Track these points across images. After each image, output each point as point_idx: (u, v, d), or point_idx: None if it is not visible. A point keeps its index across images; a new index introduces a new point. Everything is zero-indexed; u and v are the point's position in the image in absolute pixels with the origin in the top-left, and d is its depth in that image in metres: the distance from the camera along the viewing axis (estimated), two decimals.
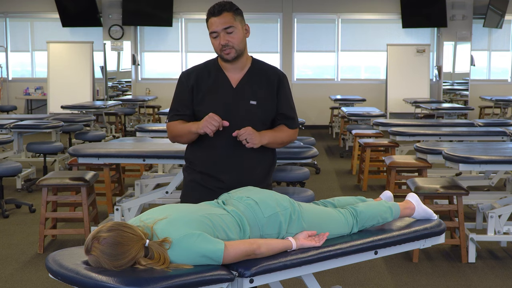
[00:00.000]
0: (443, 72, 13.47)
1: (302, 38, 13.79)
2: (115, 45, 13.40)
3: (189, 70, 2.92)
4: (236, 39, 2.77)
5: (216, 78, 2.85)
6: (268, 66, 2.96)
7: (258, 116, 2.83)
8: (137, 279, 2.06)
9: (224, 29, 2.75)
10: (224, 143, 2.79)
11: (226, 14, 2.75)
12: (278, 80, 2.90)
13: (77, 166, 5.52)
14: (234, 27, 2.76)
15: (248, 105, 2.82)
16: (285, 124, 2.92)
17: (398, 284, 4.03)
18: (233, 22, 2.76)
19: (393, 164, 5.61)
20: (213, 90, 2.82)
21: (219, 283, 2.18)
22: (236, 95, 2.82)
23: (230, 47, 2.76)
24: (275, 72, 2.92)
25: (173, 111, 2.89)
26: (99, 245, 2.15)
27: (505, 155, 4.56)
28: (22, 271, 4.26)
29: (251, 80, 2.85)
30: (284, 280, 2.58)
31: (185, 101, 2.85)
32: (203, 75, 2.86)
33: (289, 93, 2.94)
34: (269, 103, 2.86)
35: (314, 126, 13.34)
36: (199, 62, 2.99)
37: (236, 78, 2.85)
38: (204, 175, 2.83)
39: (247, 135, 2.73)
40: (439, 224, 2.81)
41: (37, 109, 13.80)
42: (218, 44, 2.78)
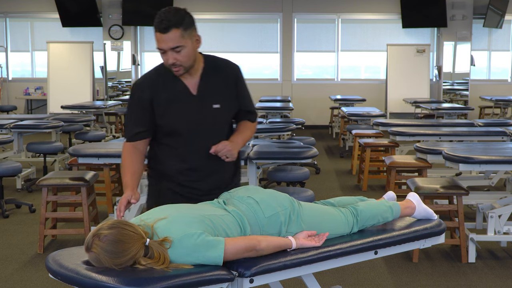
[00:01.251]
0: (443, 72, 13.47)
1: (302, 38, 13.79)
2: (115, 45, 13.39)
3: (142, 81, 2.74)
4: (185, 57, 2.60)
5: (174, 87, 2.70)
6: (222, 61, 2.82)
7: (224, 119, 2.78)
8: (137, 279, 2.07)
9: (172, 49, 2.57)
10: (194, 156, 2.72)
11: (174, 32, 2.55)
12: (235, 74, 2.81)
13: (77, 166, 5.52)
14: (182, 46, 2.57)
15: (212, 110, 2.72)
16: (248, 119, 2.91)
17: (398, 284, 4.03)
18: (181, 40, 2.56)
19: (393, 164, 5.61)
20: (173, 101, 2.69)
21: (219, 283, 2.18)
22: (198, 102, 2.71)
23: (178, 65, 2.61)
24: (230, 67, 2.82)
25: (132, 130, 2.73)
26: (99, 242, 2.15)
27: (505, 155, 4.56)
28: (22, 271, 4.26)
29: (209, 82, 2.74)
30: (284, 280, 2.58)
31: (144, 118, 2.70)
32: (158, 86, 2.70)
33: (246, 85, 2.87)
34: (232, 103, 2.80)
35: (314, 126, 13.34)
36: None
37: (193, 84, 2.72)
38: (181, 186, 2.76)
39: (226, 152, 2.69)
40: (439, 224, 2.81)
41: (37, 109, 13.79)
42: (166, 60, 2.62)
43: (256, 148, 4.93)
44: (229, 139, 2.78)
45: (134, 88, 2.76)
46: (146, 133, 2.73)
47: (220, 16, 13.68)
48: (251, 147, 5.09)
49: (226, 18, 13.66)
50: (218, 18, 13.72)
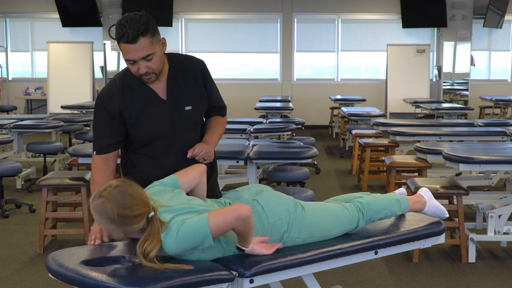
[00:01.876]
0: (443, 72, 13.47)
1: (302, 38, 13.79)
2: (115, 45, 13.39)
3: (108, 91, 2.63)
4: (156, 64, 2.53)
5: (142, 95, 2.61)
6: (186, 59, 2.74)
7: (197, 119, 2.76)
8: (137, 279, 2.07)
9: (143, 58, 2.48)
10: (172, 161, 2.67)
11: (142, 40, 2.45)
12: (201, 71, 2.74)
13: (77, 166, 5.52)
14: (153, 53, 2.49)
15: (185, 113, 2.67)
16: (218, 114, 2.88)
17: (398, 284, 4.03)
18: (151, 48, 2.48)
19: (393, 164, 5.61)
20: (144, 109, 2.61)
21: (219, 283, 2.18)
22: (170, 107, 2.65)
23: (151, 73, 2.54)
24: (195, 63, 2.74)
25: (103, 142, 2.63)
26: (111, 190, 2.16)
27: (505, 155, 4.56)
28: (22, 271, 4.26)
29: (177, 84, 2.66)
30: (284, 280, 2.58)
31: (115, 129, 2.61)
32: (126, 95, 2.60)
33: (213, 80, 2.80)
34: (203, 101, 2.75)
35: (314, 126, 13.34)
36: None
37: (161, 88, 2.64)
38: None
39: (204, 154, 2.67)
40: (439, 224, 2.81)
41: (37, 109, 13.79)
42: (137, 71, 2.52)
43: (256, 148, 4.93)
44: (203, 140, 2.75)
45: (101, 99, 2.64)
46: (117, 144, 2.66)
47: (220, 16, 13.68)
48: (251, 147, 5.09)
49: (226, 18, 13.66)
50: (218, 18, 13.72)
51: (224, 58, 13.70)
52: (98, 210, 2.16)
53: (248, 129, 6.40)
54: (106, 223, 2.17)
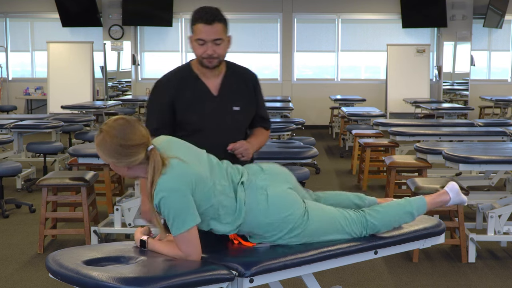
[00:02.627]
0: (443, 72, 13.47)
1: (302, 38, 13.79)
2: (115, 45, 13.39)
3: (167, 79, 2.85)
4: (223, 50, 2.76)
5: (196, 87, 2.80)
6: (242, 68, 2.96)
7: (242, 121, 2.88)
8: (137, 278, 2.07)
9: (213, 40, 2.71)
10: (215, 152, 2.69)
11: (218, 25, 2.71)
12: (253, 81, 2.93)
13: (77, 166, 5.52)
14: (222, 40, 2.74)
15: (232, 112, 2.83)
16: (262, 127, 3.00)
17: (398, 284, 4.03)
18: (223, 34, 2.74)
19: (393, 164, 5.61)
20: (195, 101, 2.79)
21: (219, 282, 2.18)
22: (219, 103, 2.81)
23: (215, 57, 2.74)
24: (250, 74, 2.94)
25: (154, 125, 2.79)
26: (111, 122, 2.27)
27: (505, 155, 4.57)
28: (22, 271, 4.26)
29: (230, 85, 2.84)
30: (284, 280, 2.59)
31: (165, 115, 2.79)
32: (181, 85, 2.80)
33: (262, 94, 2.99)
34: (251, 106, 2.90)
35: (314, 126, 13.34)
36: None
37: (215, 85, 2.82)
38: None
39: (243, 150, 2.77)
40: (439, 224, 2.81)
41: (37, 109, 13.79)
42: (203, 51, 2.72)
43: None
44: (246, 140, 2.86)
45: (158, 85, 2.85)
46: (165, 130, 2.77)
47: None
48: None
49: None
50: None
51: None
52: (99, 143, 2.27)
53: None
54: (107, 157, 2.28)
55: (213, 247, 2.46)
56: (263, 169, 2.56)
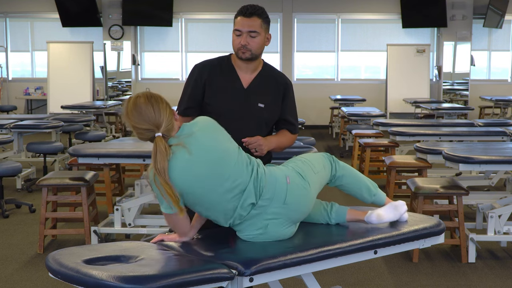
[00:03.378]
0: (443, 72, 13.47)
1: (302, 38, 13.79)
2: (115, 45, 13.40)
3: (203, 63, 2.99)
4: (256, 44, 2.87)
5: (228, 77, 2.93)
6: (278, 72, 3.06)
7: (264, 119, 2.95)
8: (137, 277, 2.07)
9: (249, 32, 2.85)
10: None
11: (255, 18, 2.85)
12: (285, 86, 3.01)
13: (77, 166, 5.52)
14: (258, 33, 2.85)
15: (256, 107, 2.92)
16: (287, 129, 3.05)
17: (398, 284, 4.03)
18: (259, 28, 2.86)
19: (393, 164, 5.61)
20: (224, 88, 2.91)
21: (219, 281, 2.18)
22: (246, 96, 2.92)
23: (248, 49, 2.86)
24: (283, 79, 3.03)
25: (184, 104, 2.96)
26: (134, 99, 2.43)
27: (505, 155, 4.56)
28: (22, 271, 4.27)
29: (261, 83, 2.95)
30: (284, 280, 2.59)
31: (197, 96, 2.93)
32: (216, 71, 2.94)
33: (293, 101, 3.07)
34: (275, 108, 2.98)
35: (314, 126, 13.34)
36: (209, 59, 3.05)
37: (247, 79, 2.94)
38: None
39: (257, 146, 2.85)
40: (439, 224, 2.81)
41: (37, 109, 13.80)
42: (238, 42, 2.88)
43: None
44: (264, 137, 2.93)
45: (194, 68, 3.00)
46: (194, 110, 2.93)
47: (220, 16, 13.69)
48: None
49: (226, 18, 13.65)
50: (218, 18, 13.72)
51: None
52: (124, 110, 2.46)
53: None
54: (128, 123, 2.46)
55: (213, 246, 2.47)
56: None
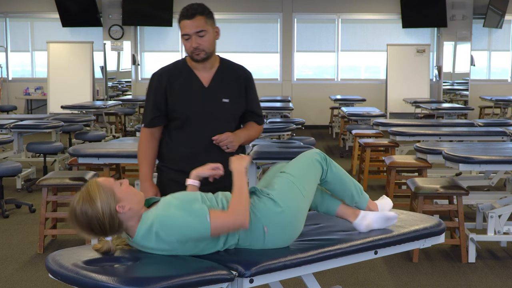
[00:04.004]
0: (443, 72, 13.47)
1: (302, 38, 13.79)
2: (115, 45, 13.39)
3: (160, 70, 2.98)
4: (207, 42, 2.86)
5: (188, 78, 2.94)
6: (236, 65, 3.07)
7: (231, 114, 2.98)
8: (137, 278, 2.07)
9: (196, 33, 2.83)
10: (203, 142, 2.91)
11: (199, 18, 2.83)
12: (246, 78, 3.05)
13: (77, 166, 5.52)
14: (205, 31, 2.84)
15: (221, 103, 2.94)
16: (254, 121, 3.10)
17: (398, 284, 4.03)
18: (205, 26, 2.84)
19: (393, 164, 5.61)
20: (186, 90, 2.92)
21: (219, 283, 2.18)
22: (209, 94, 2.93)
23: (201, 49, 2.85)
24: (243, 71, 3.05)
25: (149, 115, 2.95)
26: (74, 212, 2.28)
27: (505, 155, 4.56)
28: (22, 271, 4.26)
29: (221, 79, 2.97)
30: (284, 280, 2.59)
31: (160, 104, 2.92)
32: (174, 76, 2.94)
33: (255, 91, 3.11)
34: (240, 100, 3.00)
35: (314, 126, 13.34)
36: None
37: (206, 78, 2.95)
38: (184, 174, 2.82)
39: (227, 142, 2.89)
40: (439, 224, 2.81)
41: (37, 109, 13.79)
42: (190, 46, 2.85)
43: (256, 148, 4.93)
44: (233, 132, 2.96)
45: (153, 77, 2.99)
46: (161, 118, 2.95)
47: (220, 16, 13.68)
48: (251, 147, 5.09)
49: (226, 18, 13.66)
50: (218, 18, 13.44)
51: None
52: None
53: None
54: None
55: None
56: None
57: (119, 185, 2.30)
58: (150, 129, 2.96)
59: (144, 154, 2.97)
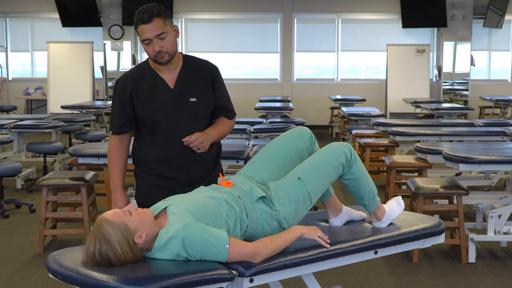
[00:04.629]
0: (443, 72, 13.47)
1: (302, 38, 13.79)
2: (115, 45, 13.39)
3: (124, 76, 2.91)
4: (169, 44, 2.77)
5: (152, 82, 2.86)
6: (200, 60, 2.99)
7: (199, 112, 2.92)
8: (137, 278, 2.07)
9: (157, 36, 2.74)
10: (176, 144, 2.85)
11: (156, 20, 2.75)
12: (211, 72, 2.96)
13: (77, 166, 5.52)
14: (166, 33, 2.76)
15: (189, 103, 2.87)
16: (225, 116, 3.03)
17: (398, 284, 4.03)
18: (164, 27, 2.76)
19: (393, 164, 5.61)
20: (151, 94, 2.85)
21: (219, 282, 2.18)
22: (175, 95, 2.87)
23: (164, 52, 2.77)
24: (208, 66, 2.97)
25: (116, 123, 2.90)
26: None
27: (505, 155, 4.56)
28: (22, 271, 4.26)
29: (186, 78, 2.89)
30: (284, 280, 2.59)
31: (127, 110, 2.87)
32: (138, 80, 2.87)
33: (223, 85, 3.02)
34: (208, 97, 2.93)
35: (314, 126, 13.33)
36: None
37: (171, 79, 2.88)
38: (161, 178, 2.88)
39: (198, 143, 2.83)
40: (439, 224, 2.81)
41: (37, 109, 13.79)
42: (152, 50, 2.77)
43: (256, 148, 4.93)
44: (203, 131, 2.89)
45: (117, 83, 2.92)
46: (129, 125, 2.91)
47: (220, 16, 13.68)
48: (251, 147, 5.09)
49: (226, 18, 13.66)
50: (218, 18, 13.71)
51: (224, 58, 13.68)
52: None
53: (248, 129, 6.40)
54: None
55: None
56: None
57: (129, 215, 2.23)
58: (118, 136, 2.92)
59: (114, 163, 2.93)
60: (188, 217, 2.26)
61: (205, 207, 2.35)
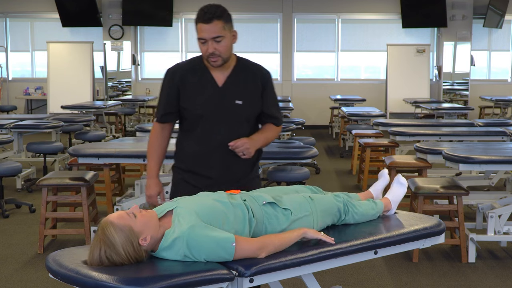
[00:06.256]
0: (443, 72, 13.47)
1: (302, 38, 13.79)
2: (115, 45, 13.39)
3: (175, 67, 2.90)
4: (224, 48, 2.75)
5: (202, 77, 2.84)
6: (253, 64, 2.96)
7: (244, 115, 2.87)
8: (137, 278, 2.07)
9: (213, 38, 2.72)
10: (215, 142, 2.83)
11: (216, 23, 2.73)
12: (264, 78, 2.92)
13: (77, 166, 5.52)
14: (223, 37, 2.74)
15: (234, 105, 2.83)
16: (272, 123, 2.99)
17: (398, 284, 4.03)
18: (222, 31, 2.74)
19: (393, 164, 5.61)
20: (198, 89, 2.83)
21: (219, 282, 2.18)
22: (222, 94, 2.83)
23: (217, 55, 2.75)
24: (260, 71, 2.94)
25: (160, 111, 2.91)
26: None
27: (505, 155, 4.56)
28: (22, 271, 4.26)
29: (236, 79, 2.86)
30: (284, 280, 2.58)
31: (173, 100, 2.86)
32: (188, 73, 2.85)
33: (274, 91, 2.98)
34: (255, 102, 2.89)
35: (314, 126, 13.34)
36: None
37: (221, 77, 2.85)
38: (194, 174, 2.87)
39: (244, 149, 2.79)
40: (439, 224, 2.81)
41: (37, 109, 13.80)
42: (206, 50, 2.75)
43: None
44: (250, 137, 2.86)
45: (166, 73, 2.91)
46: (172, 115, 2.89)
47: None
48: None
49: None
50: None
51: None
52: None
53: None
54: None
55: None
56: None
57: (133, 217, 2.22)
58: (161, 125, 2.92)
59: (153, 150, 2.92)
60: (194, 218, 2.26)
61: (213, 210, 2.34)
